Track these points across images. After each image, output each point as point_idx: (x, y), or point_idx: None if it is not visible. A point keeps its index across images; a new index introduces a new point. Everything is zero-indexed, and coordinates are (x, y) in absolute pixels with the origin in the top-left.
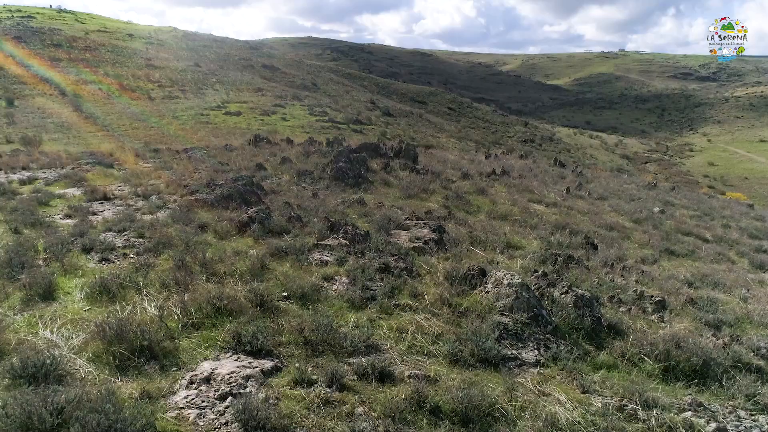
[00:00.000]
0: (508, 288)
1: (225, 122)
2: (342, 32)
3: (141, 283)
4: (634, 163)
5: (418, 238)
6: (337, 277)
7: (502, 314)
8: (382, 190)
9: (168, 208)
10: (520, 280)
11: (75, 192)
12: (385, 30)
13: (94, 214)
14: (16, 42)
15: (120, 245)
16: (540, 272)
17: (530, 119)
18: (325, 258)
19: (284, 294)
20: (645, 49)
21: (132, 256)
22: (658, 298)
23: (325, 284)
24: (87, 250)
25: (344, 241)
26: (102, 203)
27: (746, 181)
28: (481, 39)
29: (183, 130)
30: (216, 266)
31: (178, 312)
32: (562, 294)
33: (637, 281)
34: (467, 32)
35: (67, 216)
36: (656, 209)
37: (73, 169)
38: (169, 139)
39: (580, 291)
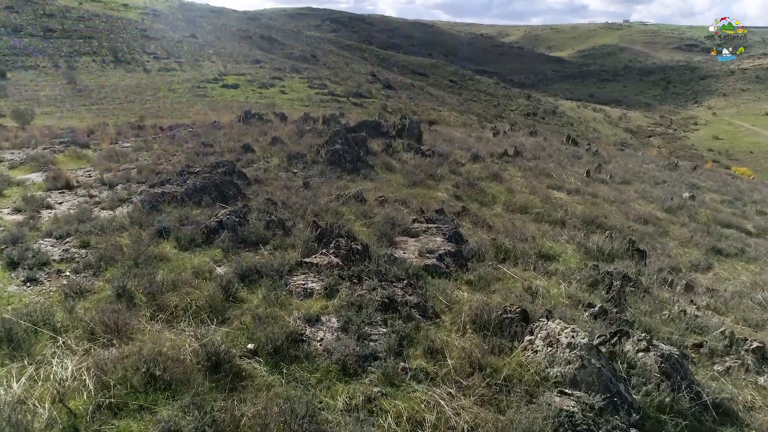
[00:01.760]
0: (568, 350)
1: (222, 95)
2: (342, 2)
3: (60, 325)
4: (638, 137)
5: (430, 252)
6: (324, 317)
7: (561, 391)
8: (383, 176)
9: (132, 201)
10: (585, 339)
11: (37, 178)
12: (386, 0)
13: (48, 207)
14: (8, 12)
15: (56, 258)
16: (597, 308)
17: (533, 92)
18: (309, 285)
19: (250, 346)
20: (650, 20)
21: (67, 273)
22: (755, 344)
23: (308, 330)
24: (14, 264)
25: (336, 260)
26: (63, 193)
27: (751, 155)
28: (483, 10)
29: (179, 103)
30: (167, 296)
31: (92, 385)
32: (639, 351)
33: (708, 307)
34: (469, 3)
35: (17, 210)
36: (685, 194)
37: (44, 149)
38: (163, 112)
39: (663, 347)
